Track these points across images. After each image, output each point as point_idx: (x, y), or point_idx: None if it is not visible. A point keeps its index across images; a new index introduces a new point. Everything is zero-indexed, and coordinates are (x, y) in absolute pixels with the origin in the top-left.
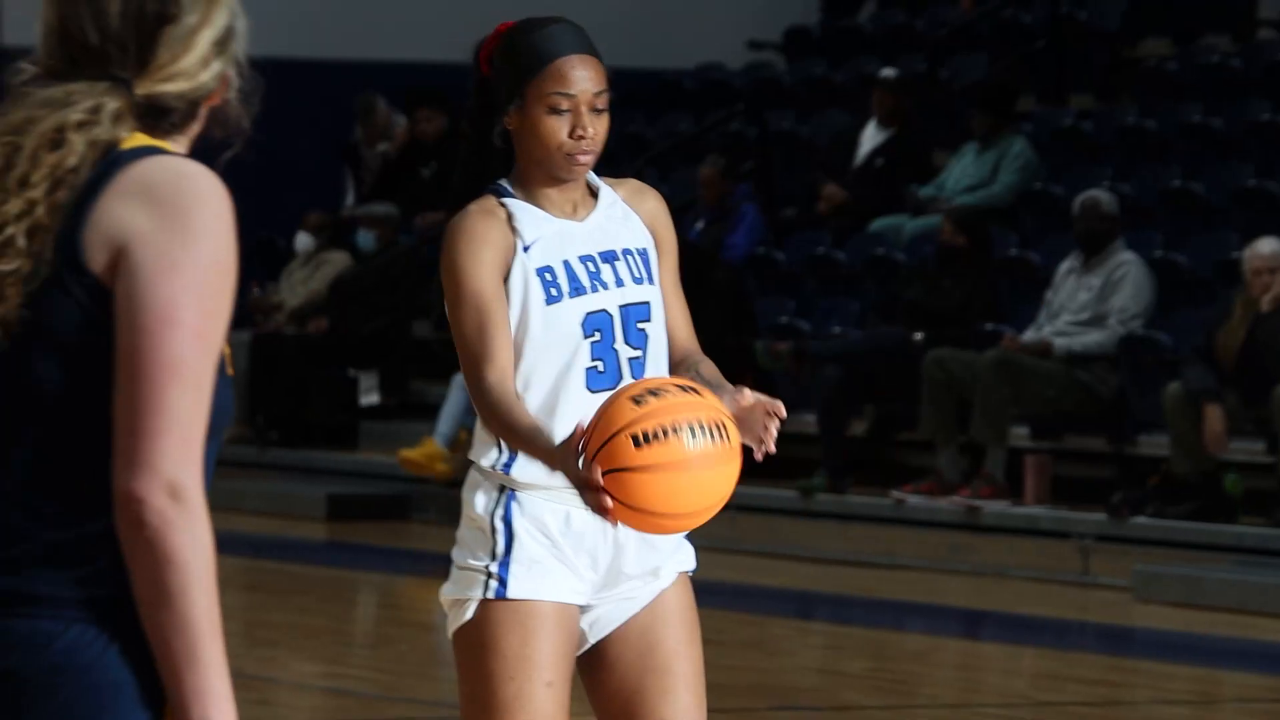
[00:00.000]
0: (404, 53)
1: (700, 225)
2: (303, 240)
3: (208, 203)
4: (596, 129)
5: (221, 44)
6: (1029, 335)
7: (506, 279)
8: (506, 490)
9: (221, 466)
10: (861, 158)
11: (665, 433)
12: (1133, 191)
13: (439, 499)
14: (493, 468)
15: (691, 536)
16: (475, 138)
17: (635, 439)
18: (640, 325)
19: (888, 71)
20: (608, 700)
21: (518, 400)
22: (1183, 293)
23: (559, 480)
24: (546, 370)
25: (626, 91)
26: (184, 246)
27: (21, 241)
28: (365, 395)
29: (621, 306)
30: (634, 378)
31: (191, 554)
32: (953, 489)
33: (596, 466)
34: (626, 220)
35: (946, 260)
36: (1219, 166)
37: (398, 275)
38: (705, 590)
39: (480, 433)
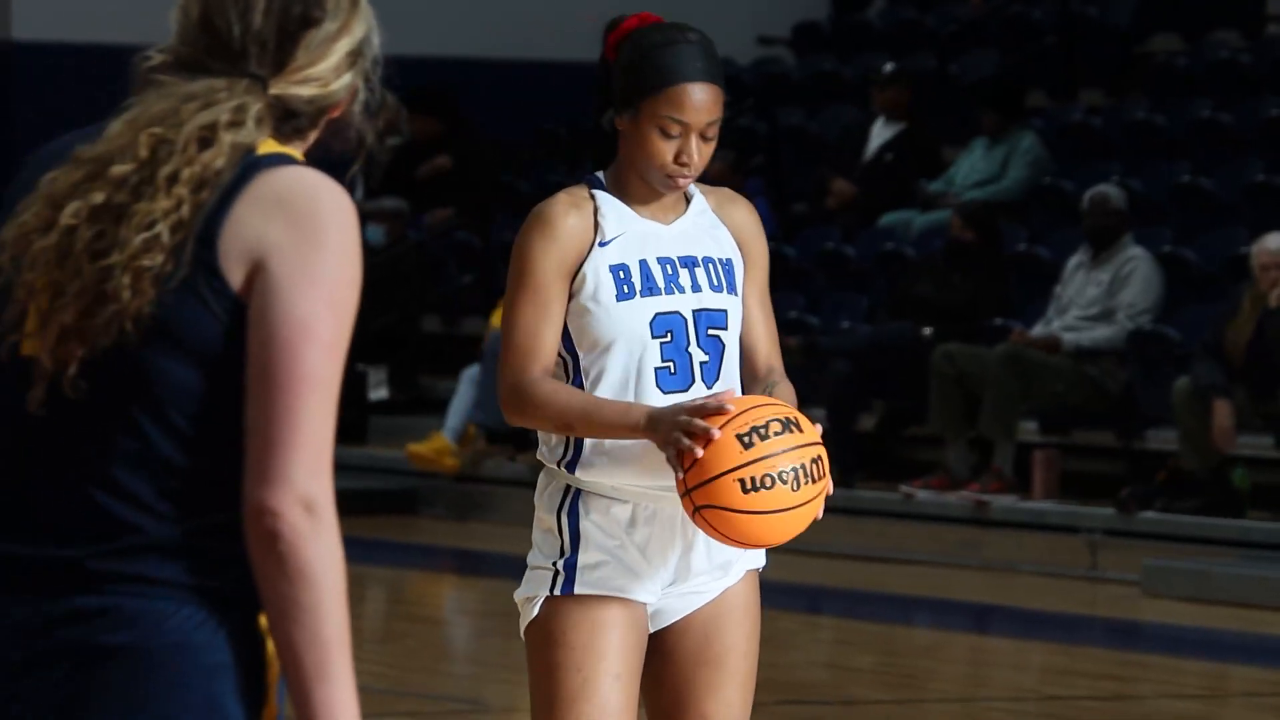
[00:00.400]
0: (412, 47)
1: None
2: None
3: (340, 217)
4: (702, 155)
5: (355, 54)
6: (1038, 330)
7: (579, 271)
8: (573, 489)
9: None
10: (871, 153)
11: (772, 481)
12: (1142, 187)
13: (447, 494)
14: (559, 465)
15: None
16: (594, 123)
17: (743, 484)
18: (713, 331)
19: (887, 66)
20: (657, 688)
21: (561, 387)
22: (1192, 288)
23: (623, 477)
24: (616, 368)
25: None
26: (320, 261)
27: (166, 238)
28: (374, 390)
29: (695, 311)
30: (705, 382)
31: (324, 568)
32: (961, 484)
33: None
34: (714, 229)
35: (955, 255)
36: (1228, 162)
37: (407, 270)
38: None
39: (544, 439)
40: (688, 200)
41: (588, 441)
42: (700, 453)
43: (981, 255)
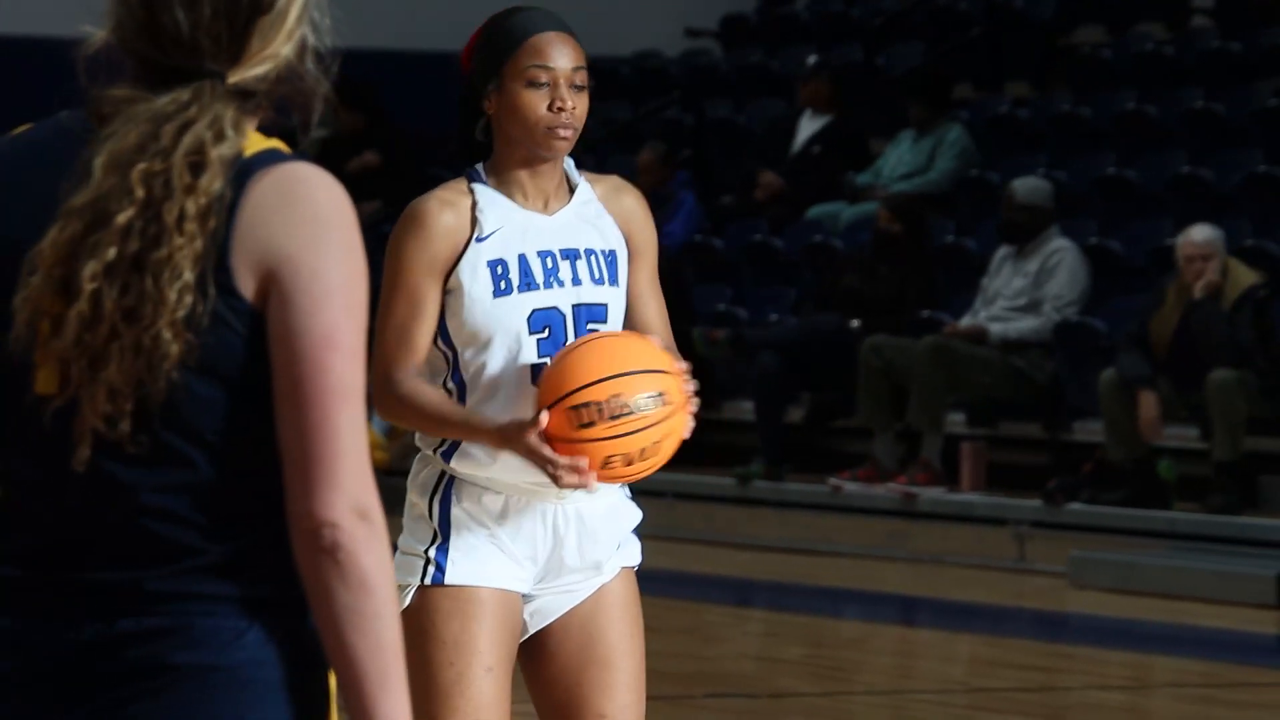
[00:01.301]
0: (338, 39)
1: None
2: None
3: (340, 212)
4: (577, 104)
5: (301, 14)
6: (965, 322)
7: (454, 267)
8: (446, 476)
9: None
10: (798, 145)
11: (614, 414)
12: (1068, 179)
13: (378, 486)
14: (434, 452)
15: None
16: (460, 138)
17: (583, 423)
18: (592, 325)
19: (811, 59)
20: (546, 690)
21: (433, 388)
22: (1118, 280)
23: (498, 470)
24: (494, 364)
25: None
26: (334, 266)
27: (191, 279)
28: None
29: (575, 306)
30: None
31: (383, 575)
32: (889, 476)
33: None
34: (598, 220)
35: (883, 247)
36: (1153, 154)
37: None
38: (642, 577)
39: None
40: (572, 190)
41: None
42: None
43: (909, 247)
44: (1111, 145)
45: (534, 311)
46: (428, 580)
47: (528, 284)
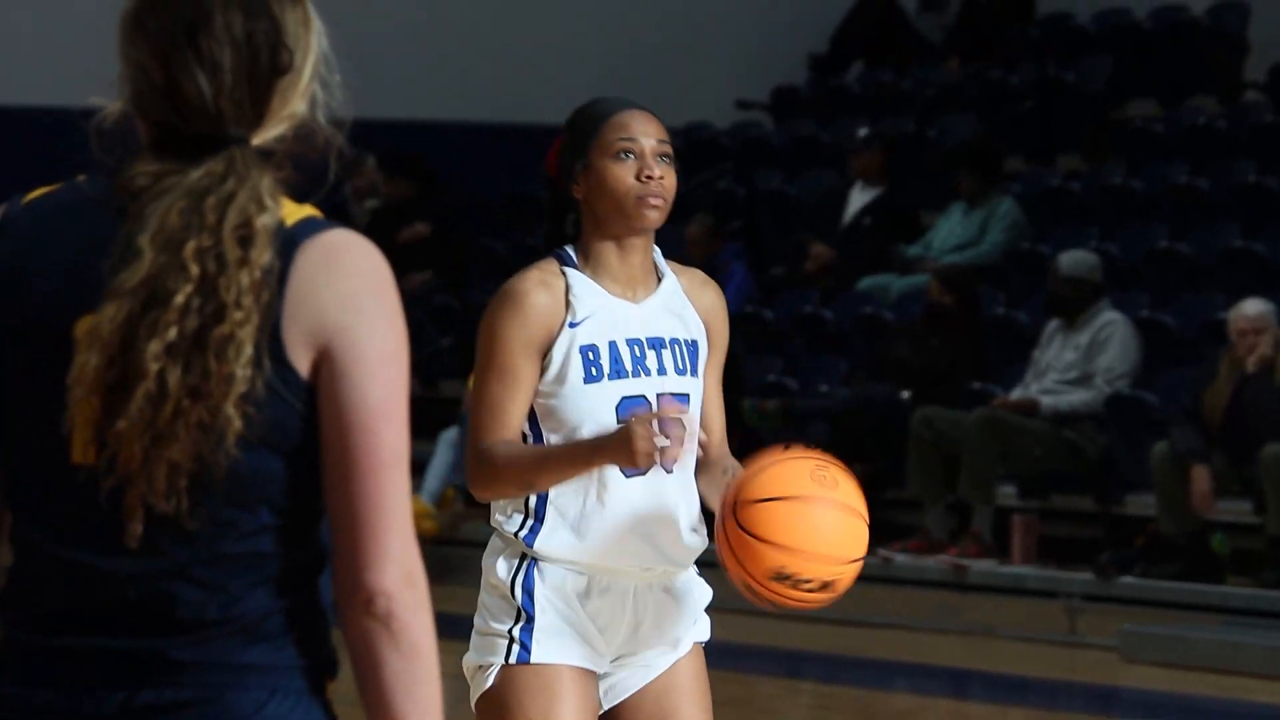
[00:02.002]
0: (390, 111)
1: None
2: None
3: (386, 280)
4: (665, 175)
5: (314, 71)
6: (1016, 394)
7: (549, 350)
8: (528, 558)
9: None
10: (849, 217)
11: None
12: (1119, 251)
13: (425, 557)
14: (515, 535)
15: None
16: (548, 234)
17: (780, 578)
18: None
19: (862, 131)
20: None
21: (514, 445)
22: (1169, 353)
23: (581, 553)
24: None
25: None
26: (381, 336)
27: (251, 352)
28: None
29: (660, 395)
30: (666, 469)
31: (430, 640)
32: (940, 548)
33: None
34: (683, 310)
35: (934, 319)
36: (1205, 227)
37: None
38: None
39: (504, 505)
40: (659, 278)
41: (548, 517)
42: (667, 443)
43: (959, 319)
44: (1163, 218)
45: (623, 399)
46: (512, 659)
47: (618, 371)
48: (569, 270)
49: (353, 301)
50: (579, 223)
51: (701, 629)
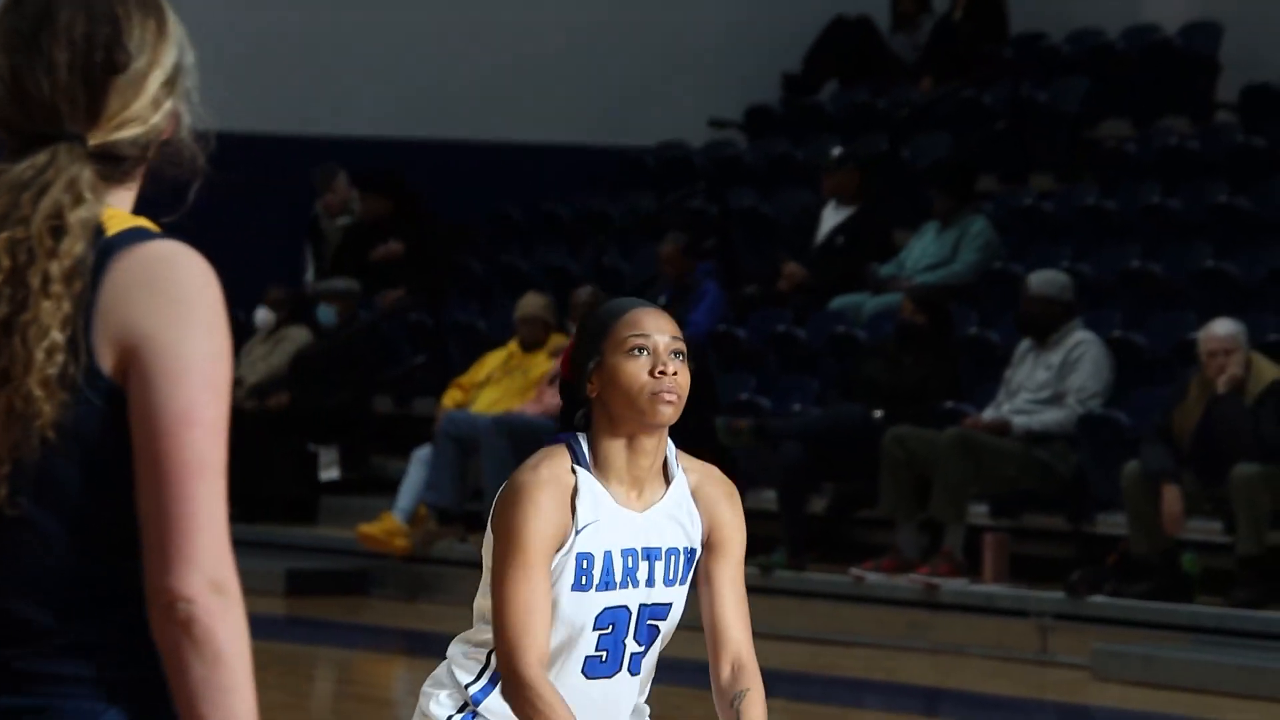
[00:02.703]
0: (365, 128)
1: (661, 302)
2: (262, 315)
3: (202, 289)
4: (679, 371)
5: (171, 82)
6: (988, 414)
7: (557, 551)
8: (469, 709)
9: None
10: (822, 236)
11: None
12: (1092, 271)
13: (398, 574)
14: (465, 687)
15: None
16: (560, 428)
17: None
18: (653, 622)
19: (835, 150)
20: None
21: (556, 702)
22: (1141, 372)
23: None
24: (550, 646)
25: (589, 169)
26: (193, 344)
27: (60, 339)
28: (325, 470)
29: (642, 605)
30: (632, 671)
31: (238, 649)
32: (912, 567)
33: None
34: (688, 519)
35: (907, 338)
36: (1177, 247)
37: (359, 350)
38: (665, 667)
39: (466, 644)
40: (668, 480)
41: (500, 687)
42: None
43: (932, 339)
44: (1135, 238)
45: (605, 610)
46: None
47: (606, 583)
48: (579, 471)
49: (162, 309)
50: (588, 417)
51: None
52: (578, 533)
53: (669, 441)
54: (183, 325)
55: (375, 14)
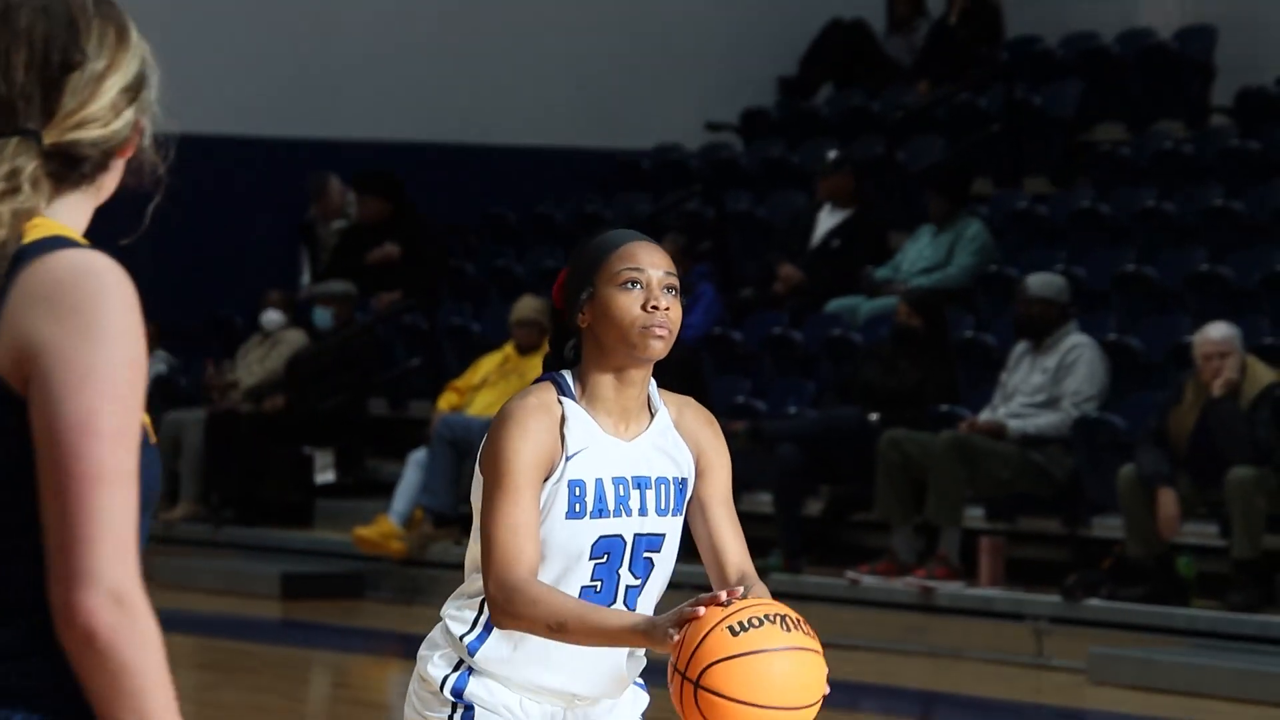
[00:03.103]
0: (359, 131)
1: None
2: (271, 317)
3: (112, 301)
4: (670, 306)
5: (133, 91)
6: (984, 417)
7: (547, 478)
8: (465, 665)
9: (175, 544)
10: (818, 239)
11: (760, 622)
12: (1087, 275)
13: (394, 577)
14: (461, 639)
15: None
16: (550, 358)
17: (731, 629)
18: (647, 554)
19: (831, 154)
20: None
21: (553, 590)
22: (1136, 376)
23: (520, 671)
24: (545, 578)
25: (584, 172)
26: (93, 352)
27: None
28: (321, 473)
29: (637, 535)
30: (629, 606)
31: (143, 656)
32: (908, 570)
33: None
34: (675, 447)
35: (902, 341)
36: (1172, 251)
37: (354, 353)
38: (661, 671)
39: (460, 598)
40: (652, 414)
41: (497, 632)
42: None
43: (928, 342)
44: (1130, 242)
45: (600, 538)
46: None
47: (600, 510)
48: (565, 401)
49: (65, 318)
50: (578, 349)
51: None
52: (568, 459)
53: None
54: (83, 334)
55: (370, 17)
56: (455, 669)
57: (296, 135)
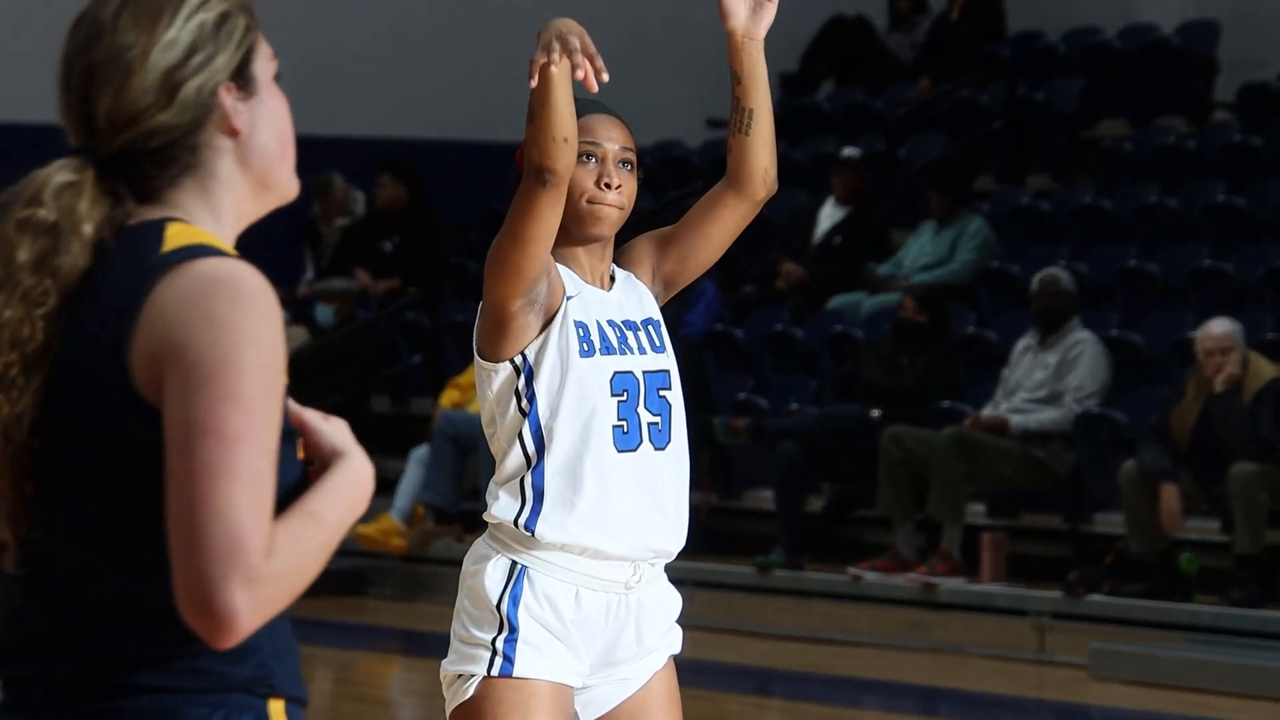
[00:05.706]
0: (364, 129)
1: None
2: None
3: (244, 307)
4: (624, 183)
5: (183, 67)
6: (986, 413)
7: (550, 322)
8: (519, 568)
9: None
10: (820, 235)
11: None
12: (1089, 271)
13: (395, 574)
14: (514, 523)
15: None
16: None
17: None
18: (661, 392)
19: (850, 151)
20: None
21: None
22: (1138, 371)
23: (576, 541)
24: (572, 425)
25: None
26: (221, 356)
27: (24, 334)
28: None
29: (645, 372)
30: (654, 444)
31: (295, 583)
32: (910, 566)
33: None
34: (640, 294)
35: (904, 338)
36: (1174, 246)
37: (356, 350)
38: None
39: (497, 489)
40: (613, 278)
41: (547, 497)
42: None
43: (930, 338)
44: (1133, 238)
45: (615, 374)
46: (494, 671)
47: (607, 348)
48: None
49: (196, 325)
50: None
51: (674, 640)
52: (569, 299)
53: None
54: (213, 339)
55: (373, 13)
56: (509, 580)
57: (299, 132)
